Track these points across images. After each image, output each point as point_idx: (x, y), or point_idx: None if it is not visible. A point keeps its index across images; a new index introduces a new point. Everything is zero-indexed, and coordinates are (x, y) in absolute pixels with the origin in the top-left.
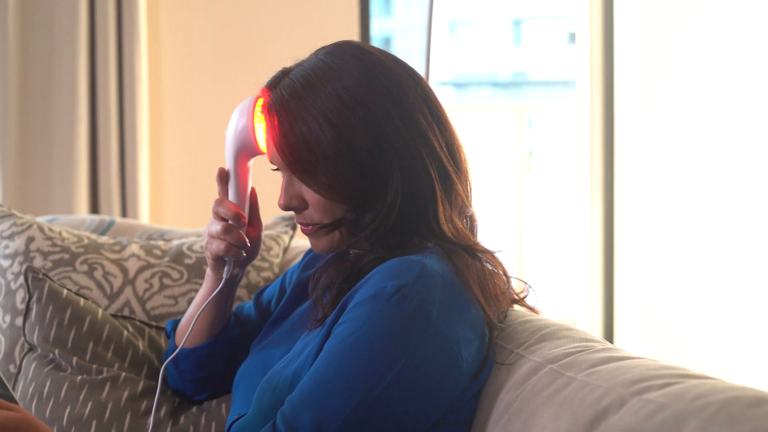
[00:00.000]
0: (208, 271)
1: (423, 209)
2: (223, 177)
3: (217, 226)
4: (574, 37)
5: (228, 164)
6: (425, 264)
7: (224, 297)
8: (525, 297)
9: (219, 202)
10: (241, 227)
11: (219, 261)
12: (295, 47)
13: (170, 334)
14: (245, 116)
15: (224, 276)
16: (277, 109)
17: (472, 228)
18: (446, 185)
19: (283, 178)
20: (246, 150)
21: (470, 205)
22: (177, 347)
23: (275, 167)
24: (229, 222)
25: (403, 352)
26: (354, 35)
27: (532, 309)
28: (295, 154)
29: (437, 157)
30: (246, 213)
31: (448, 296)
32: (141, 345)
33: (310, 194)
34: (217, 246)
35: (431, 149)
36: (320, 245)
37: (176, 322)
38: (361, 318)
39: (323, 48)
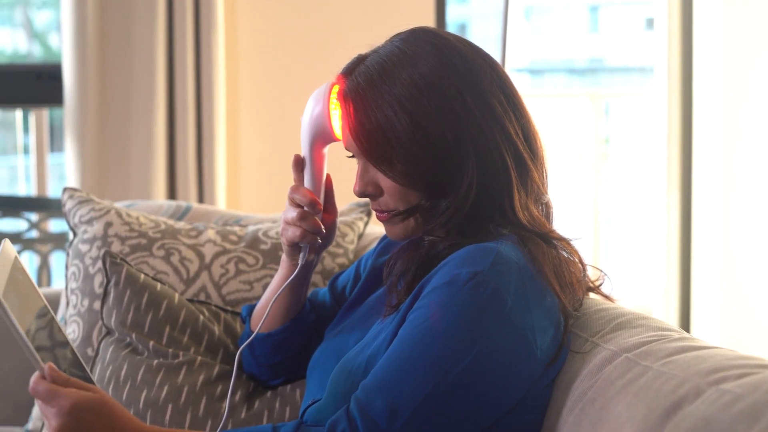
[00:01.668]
0: (284, 257)
1: (498, 196)
2: (299, 164)
3: (292, 213)
4: (651, 23)
5: (303, 151)
6: (500, 251)
7: (299, 283)
8: (600, 285)
9: (294, 189)
10: (316, 214)
11: (294, 247)
12: (371, 33)
13: (245, 319)
14: (321, 103)
15: (299, 262)
16: (352, 96)
17: (548, 215)
18: (522, 172)
19: (359, 165)
20: (321, 137)
21: (546, 193)
22: (252, 332)
23: (351, 154)
24: (305, 209)
25: (477, 338)
26: (430, 21)
27: (607, 297)
28: (371, 141)
29: (513, 144)
30: (321, 199)
31: (523, 283)
32: (217, 330)
33: (385, 181)
34: (293, 232)
35: (507, 136)
36: (395, 232)
37: (251, 308)
38: (435, 304)
39: (398, 34)
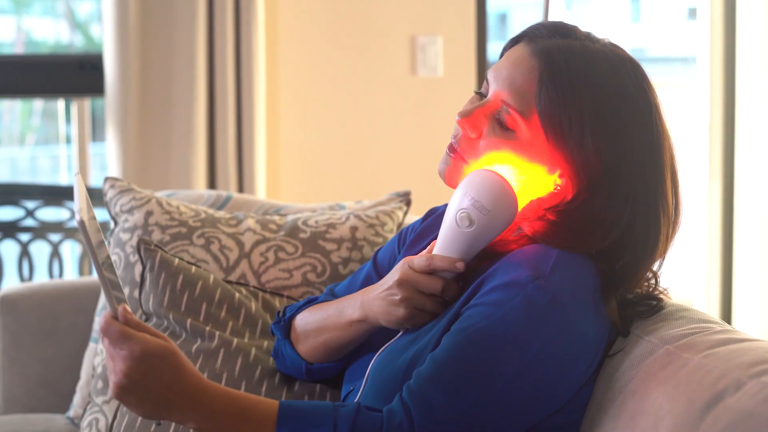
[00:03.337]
0: (352, 320)
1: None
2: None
3: (427, 302)
4: (694, 13)
5: (457, 253)
6: (561, 253)
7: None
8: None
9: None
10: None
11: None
12: (412, 22)
13: (284, 318)
14: (509, 208)
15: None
16: (552, 68)
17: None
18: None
19: (488, 99)
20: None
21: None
22: (303, 362)
23: (480, 91)
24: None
25: (534, 341)
26: (470, 11)
27: (662, 293)
28: (547, 120)
29: (663, 225)
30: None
31: (580, 288)
32: (253, 306)
33: (494, 140)
34: (421, 319)
35: (666, 215)
36: (448, 170)
37: (294, 311)
38: (494, 305)
39: (618, 56)
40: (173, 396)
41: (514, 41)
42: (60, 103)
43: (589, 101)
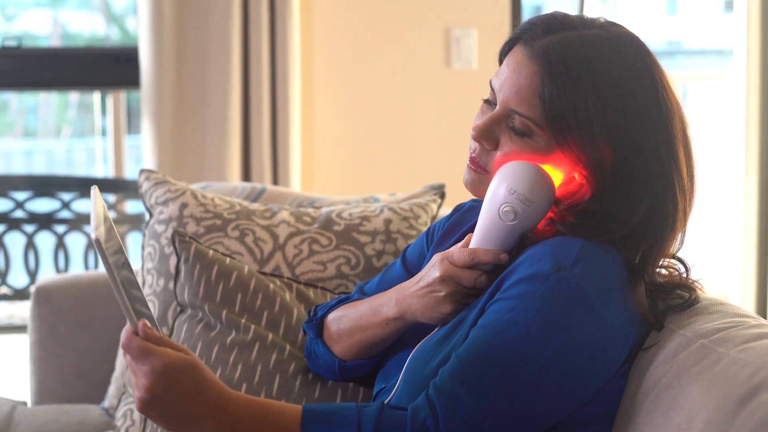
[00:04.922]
0: (389, 318)
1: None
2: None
3: (469, 295)
4: (730, 5)
5: (494, 242)
6: (585, 244)
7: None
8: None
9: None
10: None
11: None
12: (447, 13)
13: (316, 318)
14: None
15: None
16: (556, 67)
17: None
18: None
19: (497, 110)
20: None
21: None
22: (337, 361)
23: (488, 98)
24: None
25: (559, 332)
26: (505, 3)
27: (694, 284)
28: (554, 118)
29: (681, 198)
30: None
31: (605, 279)
32: (288, 296)
33: (512, 145)
34: (454, 309)
35: (681, 188)
36: (473, 183)
37: (324, 312)
38: (517, 298)
39: (617, 35)
40: (196, 408)
41: (511, 44)
42: (96, 96)
43: (592, 93)
